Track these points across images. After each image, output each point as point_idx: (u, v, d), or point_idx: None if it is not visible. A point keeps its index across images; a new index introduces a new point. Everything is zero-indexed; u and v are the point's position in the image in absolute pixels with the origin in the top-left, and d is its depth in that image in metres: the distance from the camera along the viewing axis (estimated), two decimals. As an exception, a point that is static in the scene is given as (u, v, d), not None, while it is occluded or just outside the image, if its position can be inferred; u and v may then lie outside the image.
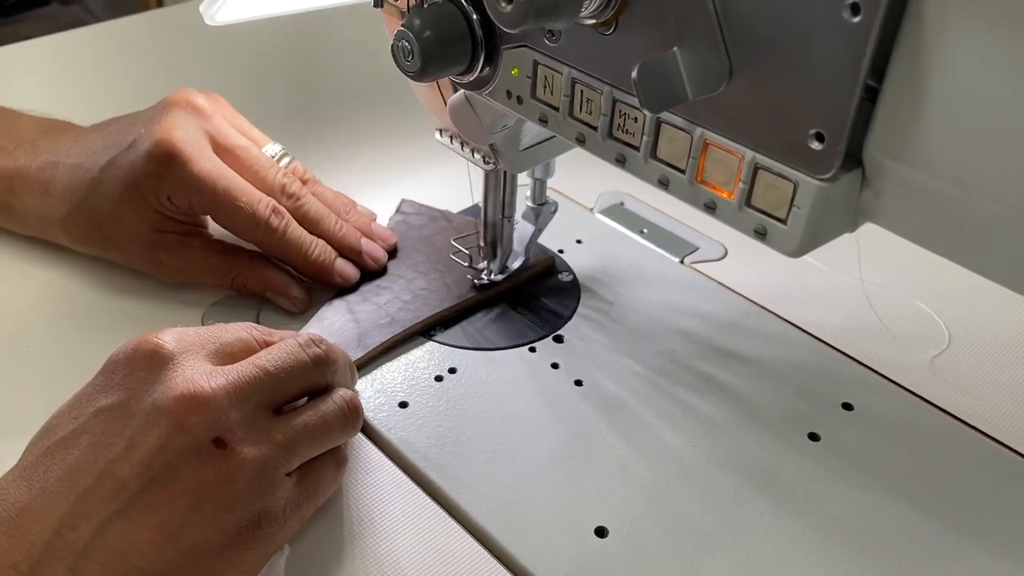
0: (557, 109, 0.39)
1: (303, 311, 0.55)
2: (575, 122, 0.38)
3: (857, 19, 0.28)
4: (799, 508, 0.46)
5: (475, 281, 0.56)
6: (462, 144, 0.51)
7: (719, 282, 0.59)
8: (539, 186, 0.54)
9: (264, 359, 0.40)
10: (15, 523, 0.35)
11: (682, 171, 0.35)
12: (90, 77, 0.82)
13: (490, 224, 0.54)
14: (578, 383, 0.52)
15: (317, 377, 0.42)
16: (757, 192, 0.33)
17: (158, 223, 0.53)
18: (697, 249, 0.62)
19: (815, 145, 0.31)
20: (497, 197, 0.53)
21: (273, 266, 0.55)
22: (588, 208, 0.66)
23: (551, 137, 0.50)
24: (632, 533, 0.44)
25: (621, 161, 0.37)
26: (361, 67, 0.84)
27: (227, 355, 0.41)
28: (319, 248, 0.54)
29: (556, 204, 0.55)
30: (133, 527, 0.35)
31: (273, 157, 0.57)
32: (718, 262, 0.61)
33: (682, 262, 0.61)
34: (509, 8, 0.32)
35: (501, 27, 0.33)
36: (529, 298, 0.57)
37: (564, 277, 0.59)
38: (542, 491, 0.46)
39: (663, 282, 0.59)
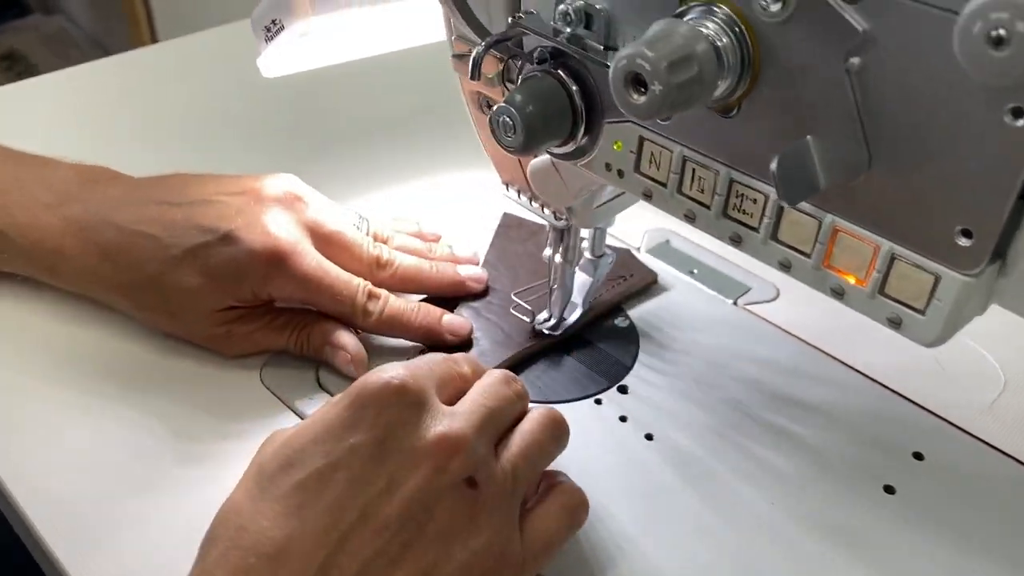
0: (664, 185, 0.38)
1: (359, 373, 0.52)
2: (684, 199, 0.38)
3: (1020, 123, 0.28)
4: (884, 567, 0.46)
5: (541, 329, 0.56)
6: (530, 199, 0.50)
7: (774, 323, 0.59)
8: (599, 235, 0.53)
9: (484, 397, 0.41)
10: (278, 560, 0.35)
11: (807, 255, 0.35)
12: (90, 114, 0.79)
13: (556, 274, 0.54)
14: (648, 437, 0.51)
15: (520, 409, 0.44)
16: (892, 282, 0.33)
17: (235, 304, 0.53)
18: (749, 290, 0.61)
19: (962, 241, 0.31)
20: (563, 246, 0.52)
21: (336, 321, 0.54)
22: (635, 248, 0.65)
23: (622, 193, 0.49)
24: (725, 600, 0.44)
25: (736, 240, 0.36)
26: (372, 106, 0.82)
27: (444, 389, 0.41)
28: (422, 312, 0.55)
29: (615, 255, 0.55)
30: (391, 567, 0.36)
31: (355, 227, 0.57)
32: (771, 303, 0.61)
33: (735, 303, 0.61)
34: (642, 101, 0.31)
35: (631, 117, 0.32)
36: (586, 344, 0.57)
37: (621, 322, 0.58)
38: (624, 553, 0.45)
39: (720, 326, 0.59)
